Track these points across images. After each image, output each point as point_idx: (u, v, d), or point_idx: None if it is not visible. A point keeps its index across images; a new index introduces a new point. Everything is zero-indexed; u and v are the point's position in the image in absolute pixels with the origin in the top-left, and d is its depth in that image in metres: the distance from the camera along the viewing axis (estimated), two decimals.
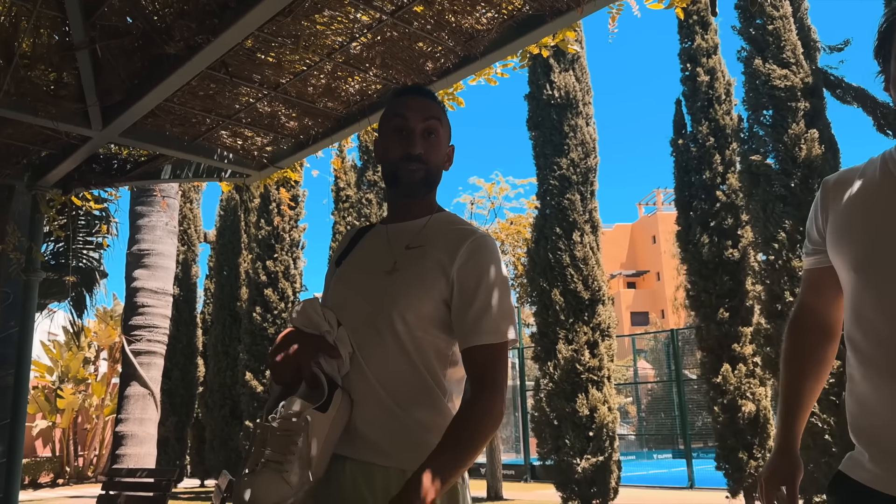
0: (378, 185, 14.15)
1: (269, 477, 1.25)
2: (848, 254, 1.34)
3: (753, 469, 8.95)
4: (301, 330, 1.42)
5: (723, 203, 9.88)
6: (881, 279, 1.27)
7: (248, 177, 3.94)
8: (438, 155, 1.53)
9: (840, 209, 1.39)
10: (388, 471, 1.33)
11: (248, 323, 13.89)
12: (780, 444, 1.57)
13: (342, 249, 1.62)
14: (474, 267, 1.40)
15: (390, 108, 1.56)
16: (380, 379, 1.38)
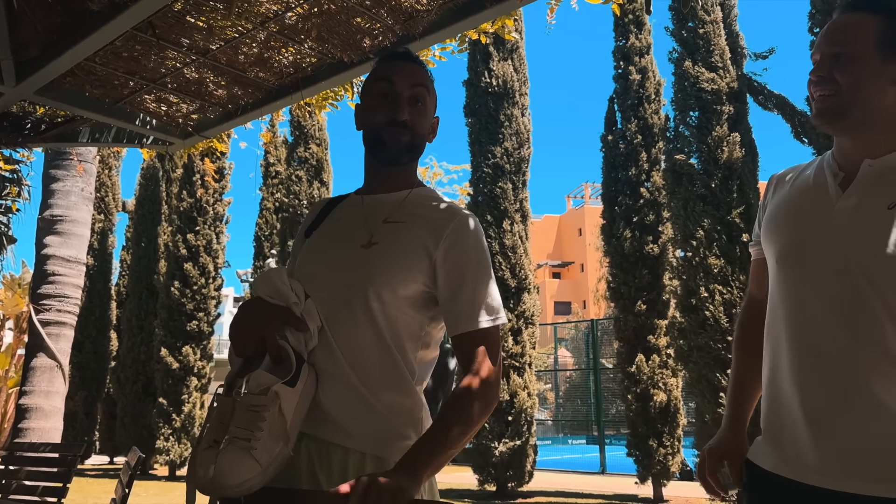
0: (309, 163, 13.89)
1: (235, 454, 1.18)
2: (773, 245, 1.42)
3: (661, 457, 9.33)
4: (265, 300, 1.33)
5: (646, 200, 10.19)
6: (794, 271, 1.35)
7: (171, 145, 3.80)
8: (424, 124, 1.47)
9: (774, 203, 1.47)
10: (348, 452, 1.29)
11: (166, 297, 13.46)
12: (729, 421, 1.58)
13: (312, 219, 1.54)
14: (462, 250, 1.36)
15: (376, 72, 1.49)
16: (348, 357, 1.33)
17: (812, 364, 1.30)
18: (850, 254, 1.28)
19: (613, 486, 11.05)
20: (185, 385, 13.16)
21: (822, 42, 1.37)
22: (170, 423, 13.01)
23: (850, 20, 1.35)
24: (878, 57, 1.31)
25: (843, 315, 1.27)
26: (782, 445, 1.33)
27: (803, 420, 1.29)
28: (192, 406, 13.19)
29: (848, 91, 1.31)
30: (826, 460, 1.25)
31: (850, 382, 1.25)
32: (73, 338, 7.20)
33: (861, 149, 1.34)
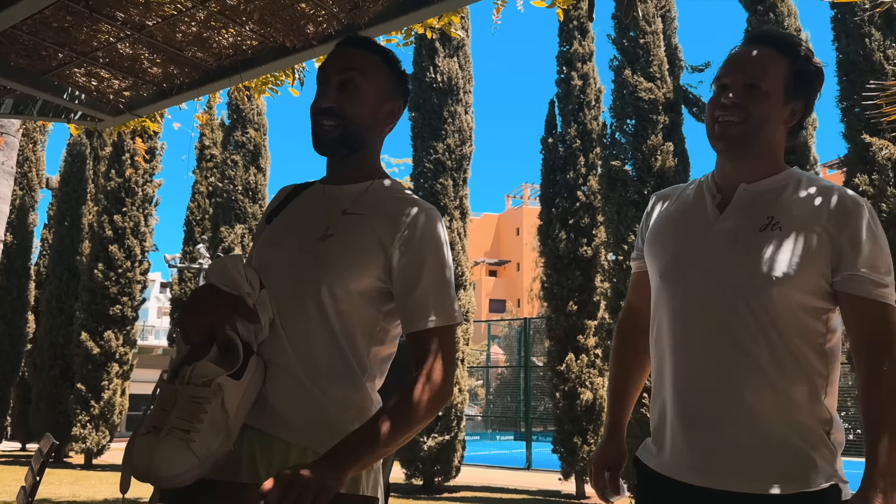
0: (246, 148, 13.59)
1: (173, 445, 1.15)
2: (656, 261, 1.50)
3: (586, 454, 9.56)
4: (218, 287, 1.29)
5: (582, 203, 10.40)
6: (676, 286, 1.44)
7: (100, 121, 3.65)
8: (359, 109, 1.37)
9: (658, 220, 1.56)
10: (291, 447, 1.25)
11: (89, 280, 12.97)
12: (608, 433, 1.67)
13: (274, 206, 1.49)
14: (418, 245, 1.31)
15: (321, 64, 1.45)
16: (298, 351, 1.28)
17: (691, 373, 1.39)
18: (725, 272, 1.38)
19: (538, 481, 11.25)
20: (105, 371, 12.72)
21: (737, 68, 1.43)
22: (88, 410, 12.55)
23: (766, 55, 1.42)
24: (783, 97, 1.41)
25: (719, 328, 1.37)
26: (665, 447, 1.43)
27: (683, 424, 1.39)
28: (112, 393, 12.77)
29: (757, 123, 1.39)
30: (702, 461, 1.35)
31: (725, 391, 1.35)
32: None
33: (741, 173, 1.44)
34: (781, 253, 1.34)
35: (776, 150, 1.45)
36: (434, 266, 1.31)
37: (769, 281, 1.34)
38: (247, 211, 13.37)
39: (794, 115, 1.45)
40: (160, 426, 1.18)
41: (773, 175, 1.43)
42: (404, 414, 1.22)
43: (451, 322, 1.31)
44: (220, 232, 13.23)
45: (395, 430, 1.20)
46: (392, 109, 1.43)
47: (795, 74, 1.42)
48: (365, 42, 1.47)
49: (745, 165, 1.44)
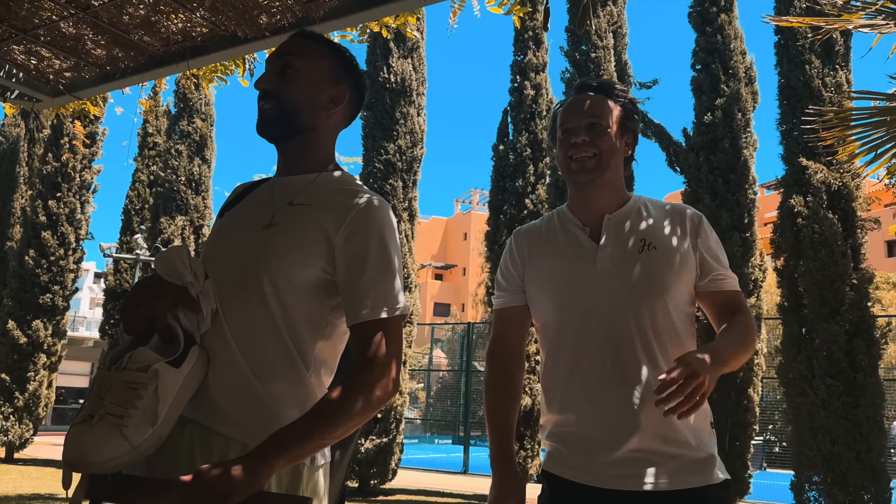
0: (191, 138, 13.26)
1: (105, 431, 1.12)
2: (549, 294, 1.63)
3: (521, 459, 9.64)
4: (162, 278, 1.27)
5: (529, 210, 10.51)
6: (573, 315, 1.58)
7: (38, 102, 3.50)
8: (296, 91, 1.38)
9: (535, 258, 1.68)
10: (230, 441, 1.22)
11: (18, 266, 12.46)
12: (500, 467, 1.61)
13: (229, 201, 1.47)
14: (363, 235, 1.29)
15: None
16: (239, 342, 1.26)
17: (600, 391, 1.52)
18: (615, 295, 1.54)
19: (474, 485, 11.30)
20: (31, 362, 12.23)
21: (576, 113, 1.64)
22: (11, 402, 12.04)
23: (600, 100, 1.66)
24: (618, 132, 1.65)
25: (614, 348, 1.52)
26: (574, 457, 1.55)
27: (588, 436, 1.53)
28: (37, 385, 12.28)
29: (606, 154, 1.62)
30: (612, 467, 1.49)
31: (620, 405, 1.50)
32: None
33: (599, 205, 1.64)
34: (663, 270, 1.55)
35: (621, 179, 1.69)
36: (379, 257, 1.29)
37: (656, 296, 1.53)
38: (189, 202, 13.04)
39: (628, 147, 1.69)
40: (94, 414, 1.14)
41: (626, 203, 1.66)
42: (341, 407, 1.18)
43: (396, 314, 1.28)
44: (160, 223, 12.87)
45: (329, 425, 1.17)
46: (334, 95, 1.43)
47: (622, 112, 1.67)
48: (310, 34, 1.48)
49: (603, 195, 1.64)
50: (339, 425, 1.18)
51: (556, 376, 1.60)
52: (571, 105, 1.67)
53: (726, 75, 9.26)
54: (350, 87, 1.46)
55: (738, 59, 9.38)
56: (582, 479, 1.52)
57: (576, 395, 1.55)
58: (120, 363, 1.18)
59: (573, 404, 1.55)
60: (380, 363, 1.23)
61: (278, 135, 1.41)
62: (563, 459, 1.57)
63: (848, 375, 7.38)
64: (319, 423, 1.17)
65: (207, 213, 13.39)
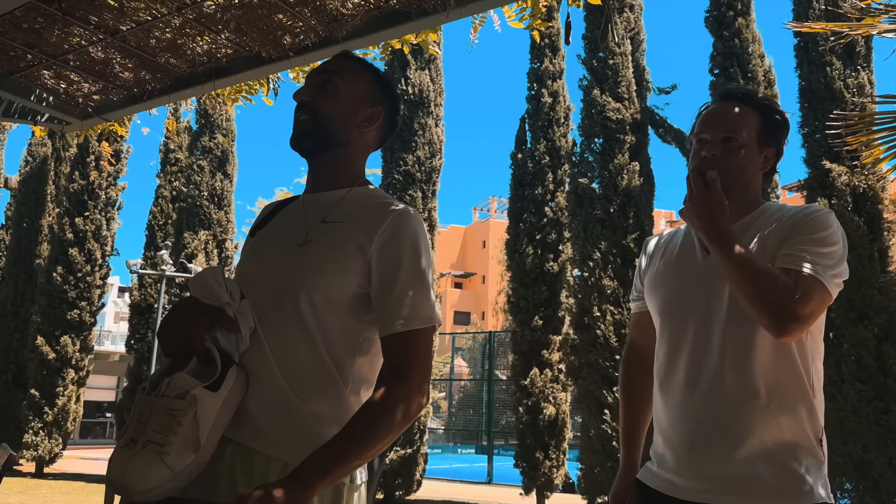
0: (213, 153, 13.42)
1: (147, 459, 1.13)
2: (656, 301, 1.65)
3: (547, 469, 9.59)
4: (198, 299, 1.27)
5: (549, 219, 10.50)
6: (674, 322, 1.58)
7: (68, 124, 3.59)
8: (332, 106, 1.41)
9: (654, 264, 1.70)
10: (271, 461, 1.22)
11: (47, 283, 12.65)
12: (623, 465, 1.78)
13: (259, 220, 1.49)
14: (396, 246, 1.29)
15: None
16: (279, 361, 1.26)
17: (692, 399, 1.50)
18: (715, 306, 1.51)
19: (499, 496, 11.25)
20: (60, 377, 12.40)
21: (713, 124, 1.59)
22: (41, 417, 12.21)
23: (738, 111, 1.59)
24: (756, 146, 1.58)
25: (715, 358, 1.48)
26: (669, 469, 1.53)
27: (687, 448, 1.50)
28: (66, 400, 12.44)
29: (735, 173, 1.55)
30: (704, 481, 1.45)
31: (723, 416, 1.46)
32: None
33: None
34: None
35: (754, 192, 1.61)
36: (412, 267, 1.29)
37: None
38: (212, 217, 13.19)
39: (768, 161, 1.61)
40: (137, 439, 1.16)
41: (752, 212, 1.58)
42: (377, 424, 1.19)
43: (428, 325, 1.28)
44: (184, 238, 13.03)
45: (366, 442, 1.18)
46: (370, 114, 1.45)
47: (765, 125, 1.59)
48: (353, 56, 1.53)
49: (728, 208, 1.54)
50: (377, 443, 1.19)
51: (658, 382, 1.61)
52: (710, 114, 1.62)
53: (745, 79, 9.20)
54: (385, 109, 1.49)
55: (756, 62, 9.33)
56: (669, 490, 1.51)
57: (668, 403, 1.56)
58: (159, 389, 1.19)
59: (665, 414, 1.57)
60: (412, 377, 1.24)
61: (312, 147, 1.42)
62: (651, 470, 1.59)
63: (878, 380, 7.27)
64: (356, 443, 1.17)
65: (230, 227, 13.53)
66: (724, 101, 1.62)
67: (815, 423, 1.46)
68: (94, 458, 16.36)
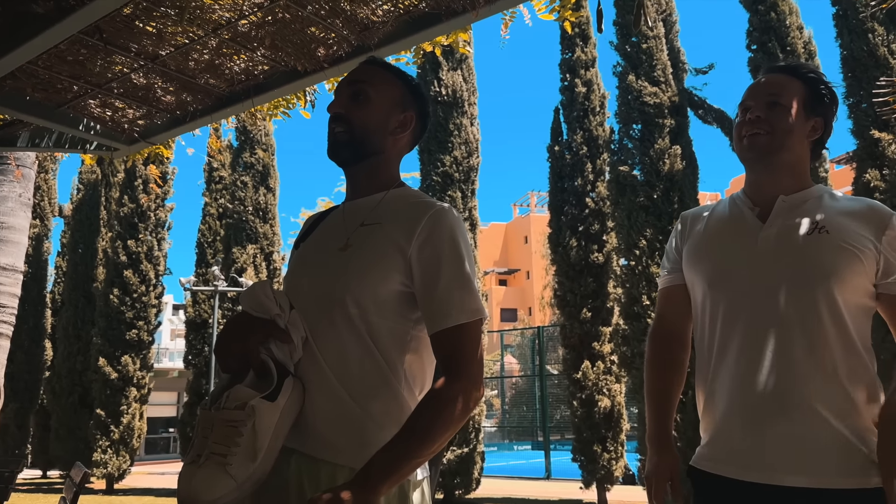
0: (255, 168, 13.68)
1: (211, 471, 1.17)
2: (703, 272, 1.59)
3: (606, 461, 9.50)
4: (249, 314, 1.31)
5: (591, 209, 10.40)
6: (727, 293, 1.52)
7: (116, 150, 3.70)
8: (366, 116, 1.42)
9: (695, 236, 1.66)
10: (336, 468, 1.24)
11: (104, 305, 13.06)
12: (657, 444, 1.70)
13: (303, 232, 1.52)
14: (435, 243, 1.30)
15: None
16: (332, 366, 1.29)
17: (750, 375, 1.44)
18: (780, 275, 1.46)
19: (559, 491, 11.19)
20: (123, 396, 12.78)
21: (757, 92, 1.59)
22: (108, 435, 12.61)
23: (782, 79, 1.59)
24: (802, 113, 1.56)
25: (778, 330, 1.43)
26: (729, 450, 1.47)
27: (748, 426, 1.44)
28: (130, 417, 12.81)
29: (781, 133, 1.54)
30: (764, 459, 1.40)
31: (786, 391, 1.40)
32: (8, 349, 6.90)
33: (774, 186, 1.56)
34: (833, 254, 1.44)
35: (803, 165, 1.59)
36: (454, 262, 1.30)
37: (826, 280, 1.42)
38: (258, 231, 13.45)
39: (815, 131, 1.58)
40: (202, 453, 1.20)
41: (805, 189, 1.56)
42: (436, 419, 1.20)
43: (476, 318, 1.29)
44: (233, 253, 13.31)
45: (427, 438, 1.19)
46: (403, 119, 1.47)
47: (810, 93, 1.58)
48: (381, 62, 1.54)
49: (778, 177, 1.56)
50: (437, 438, 1.20)
51: (705, 359, 1.55)
52: (754, 85, 1.62)
53: (784, 52, 8.97)
54: (416, 113, 1.50)
55: (794, 34, 9.09)
56: (727, 472, 1.46)
57: (723, 380, 1.49)
58: (219, 402, 1.23)
59: (719, 390, 1.50)
60: (467, 370, 1.25)
61: (348, 157, 1.44)
62: (706, 454, 1.52)
63: None
64: (417, 440, 1.18)
65: (276, 239, 13.78)
66: (769, 73, 1.63)
67: (876, 406, 1.42)
68: (161, 473, 16.82)
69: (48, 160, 15.59)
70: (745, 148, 1.57)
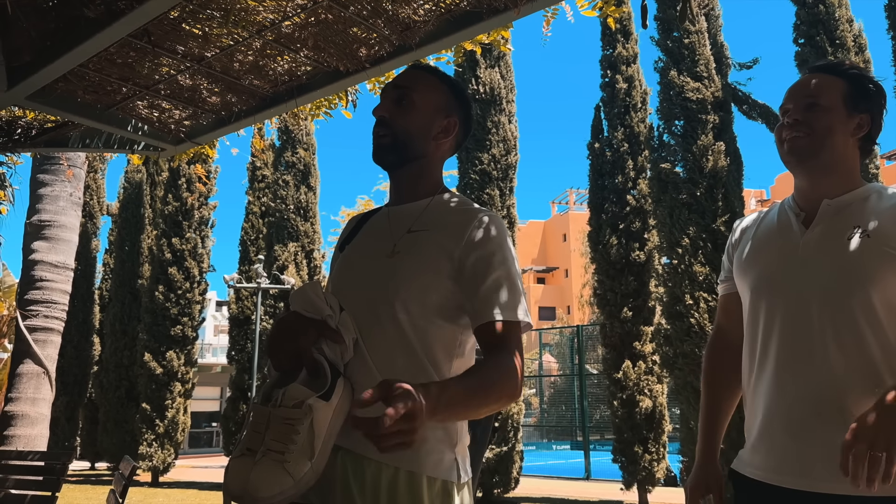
0: (296, 167, 13.85)
1: (270, 466, 1.18)
2: (748, 279, 1.59)
3: (647, 463, 9.38)
4: (301, 314, 1.32)
5: (632, 207, 10.26)
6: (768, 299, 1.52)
7: (162, 150, 3.78)
8: (410, 121, 1.45)
9: (746, 243, 1.66)
10: (381, 466, 1.26)
11: (150, 302, 13.37)
12: (703, 456, 1.72)
13: (346, 234, 1.54)
14: (484, 246, 1.33)
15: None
16: (381, 369, 1.31)
17: (791, 380, 1.45)
18: (818, 280, 1.45)
19: (599, 492, 11.09)
20: (168, 390, 13.07)
21: (795, 94, 1.57)
22: (153, 429, 12.91)
23: (820, 78, 1.56)
24: (844, 110, 1.52)
25: (817, 334, 1.43)
26: (767, 456, 1.47)
27: (786, 432, 1.44)
28: (175, 412, 13.10)
29: (820, 134, 1.51)
30: (807, 465, 1.39)
31: (826, 397, 1.40)
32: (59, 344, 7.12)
33: (819, 190, 1.53)
34: (873, 260, 1.41)
35: (851, 165, 1.55)
36: (503, 266, 1.32)
37: (863, 287, 1.40)
38: (299, 229, 13.62)
39: (861, 128, 1.54)
40: (254, 448, 1.21)
41: (854, 190, 1.52)
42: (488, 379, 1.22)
43: (520, 319, 1.30)
44: (275, 251, 13.51)
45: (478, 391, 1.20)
46: (446, 125, 1.49)
47: (852, 90, 1.54)
48: (426, 66, 1.57)
49: (823, 181, 1.53)
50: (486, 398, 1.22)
51: (749, 364, 1.56)
52: (792, 87, 1.60)
53: (833, 46, 8.73)
54: (459, 118, 1.51)
55: (844, 27, 8.83)
56: (766, 477, 1.46)
57: (762, 388, 1.50)
58: (275, 400, 1.24)
59: (759, 397, 1.51)
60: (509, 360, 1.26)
61: (392, 162, 1.46)
62: (746, 458, 1.53)
63: None
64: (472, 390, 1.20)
65: (317, 237, 13.94)
66: (809, 73, 1.61)
67: None
68: (204, 467, 17.17)
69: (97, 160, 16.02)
70: (786, 152, 1.55)
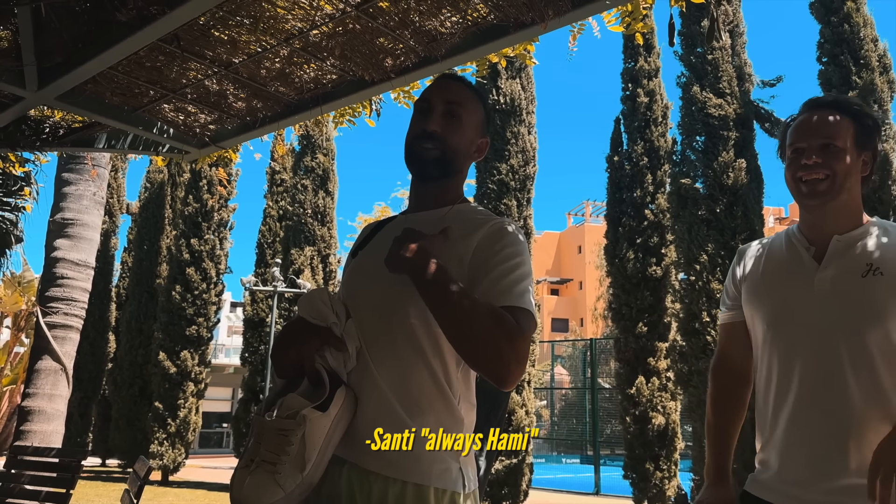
0: (315, 172, 13.93)
1: (261, 478, 1.18)
2: (762, 311, 1.63)
3: (658, 480, 9.30)
4: (306, 320, 1.31)
5: (650, 221, 10.21)
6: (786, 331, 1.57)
7: (187, 153, 3.82)
8: (459, 138, 1.46)
9: (754, 274, 1.69)
10: (388, 481, 1.23)
11: (166, 301, 13.47)
12: (713, 478, 1.74)
13: (360, 240, 1.54)
14: (492, 246, 1.33)
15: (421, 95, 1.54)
16: (386, 378, 1.28)
17: (807, 417, 1.49)
18: (835, 317, 1.50)
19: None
20: (181, 390, 13.14)
21: (808, 133, 1.59)
22: (165, 428, 12.97)
23: (832, 118, 1.59)
24: (855, 150, 1.58)
25: (833, 370, 1.47)
26: (782, 482, 1.52)
27: (803, 461, 1.48)
28: (187, 411, 13.16)
29: (841, 177, 1.55)
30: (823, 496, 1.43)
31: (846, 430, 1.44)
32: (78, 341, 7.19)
33: (829, 226, 1.58)
34: (887, 297, 1.47)
35: (858, 200, 1.61)
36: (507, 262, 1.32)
37: (879, 324, 1.46)
38: (316, 234, 13.68)
39: (867, 165, 1.61)
40: (254, 459, 1.21)
41: (860, 226, 1.59)
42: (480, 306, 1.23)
43: (526, 307, 1.28)
44: (291, 254, 13.57)
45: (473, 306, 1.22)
46: (481, 144, 1.53)
47: (859, 129, 1.59)
48: (463, 79, 1.55)
49: (835, 217, 1.58)
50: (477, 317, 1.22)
51: (765, 397, 1.60)
52: (802, 123, 1.62)
53: (857, 66, 8.66)
54: (490, 138, 1.56)
55: (869, 47, 8.76)
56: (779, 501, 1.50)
57: (782, 417, 1.54)
58: (272, 410, 1.24)
59: (778, 426, 1.54)
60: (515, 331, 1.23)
61: (436, 175, 1.46)
62: (764, 483, 1.57)
63: None
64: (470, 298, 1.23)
65: (333, 242, 14.00)
66: (814, 110, 1.62)
67: None
68: (213, 467, 17.23)
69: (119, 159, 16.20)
70: (805, 194, 1.58)
